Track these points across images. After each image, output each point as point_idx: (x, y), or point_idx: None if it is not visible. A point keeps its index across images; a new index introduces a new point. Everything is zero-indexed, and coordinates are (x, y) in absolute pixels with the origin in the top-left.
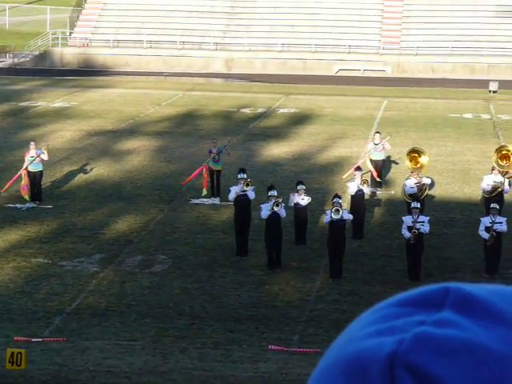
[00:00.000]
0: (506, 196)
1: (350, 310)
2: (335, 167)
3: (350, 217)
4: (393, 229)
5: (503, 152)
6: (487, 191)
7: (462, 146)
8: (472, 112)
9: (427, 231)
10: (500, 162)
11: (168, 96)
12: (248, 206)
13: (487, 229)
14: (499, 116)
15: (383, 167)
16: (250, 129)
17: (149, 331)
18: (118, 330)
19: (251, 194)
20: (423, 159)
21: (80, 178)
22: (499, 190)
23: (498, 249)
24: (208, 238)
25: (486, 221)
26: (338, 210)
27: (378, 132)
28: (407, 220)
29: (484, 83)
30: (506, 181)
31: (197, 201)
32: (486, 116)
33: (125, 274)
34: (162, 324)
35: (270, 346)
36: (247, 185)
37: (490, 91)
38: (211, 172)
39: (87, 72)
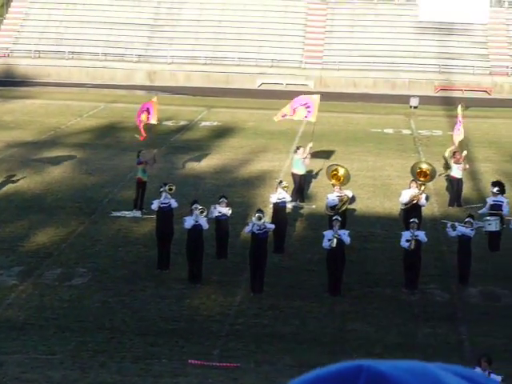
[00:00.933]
0: (423, 210)
1: (271, 324)
2: (257, 181)
3: (272, 226)
4: (313, 243)
5: (419, 170)
6: (404, 203)
7: (383, 161)
8: (393, 127)
9: (348, 241)
10: (419, 178)
11: (90, 107)
12: (171, 218)
13: (408, 241)
14: (419, 131)
15: (305, 181)
16: (172, 141)
17: (68, 345)
18: (37, 344)
19: (173, 203)
20: (341, 171)
21: None
22: (415, 201)
23: (418, 263)
24: (129, 251)
25: (406, 234)
26: (260, 218)
27: (300, 147)
28: (328, 234)
29: (405, 98)
30: (423, 194)
31: (118, 213)
32: (406, 131)
33: (44, 287)
34: (82, 338)
35: (189, 361)
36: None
37: (410, 106)
38: (139, 183)
39: (8, 82)
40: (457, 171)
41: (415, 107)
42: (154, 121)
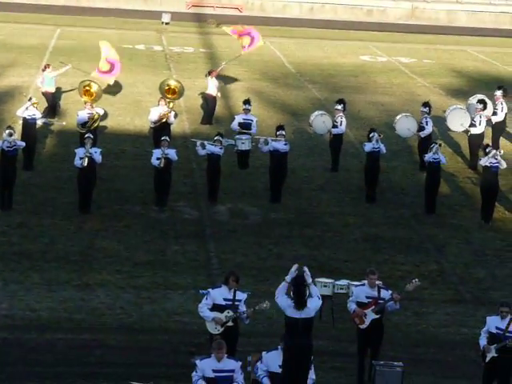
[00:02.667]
0: (173, 128)
1: (19, 242)
2: (5, 96)
3: (23, 144)
4: (63, 160)
5: (167, 87)
6: (153, 121)
7: (134, 78)
8: (144, 43)
9: (100, 160)
10: (167, 95)
11: None
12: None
13: (158, 159)
14: (171, 48)
15: (53, 98)
16: None
17: None
18: None
19: None
20: (95, 87)
21: None
22: (164, 119)
23: (169, 181)
24: None
25: (157, 152)
26: (11, 134)
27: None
28: (79, 152)
29: (157, 14)
30: (172, 113)
31: None
32: (158, 48)
33: None
34: None
35: None
36: None
37: (162, 23)
38: None
39: None
40: (213, 88)
41: (167, 23)
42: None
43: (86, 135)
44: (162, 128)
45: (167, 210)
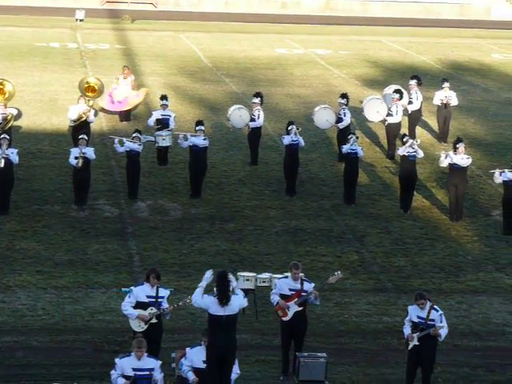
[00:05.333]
0: (92, 126)
1: None
2: None
3: None
4: None
5: (87, 85)
6: (72, 119)
7: (49, 76)
8: (59, 41)
9: (17, 161)
10: (87, 93)
11: None
12: None
13: (76, 158)
14: (86, 45)
15: None
16: None
17: None
18: None
19: None
20: (9, 87)
21: None
22: (84, 118)
23: (89, 180)
24: None
25: (75, 151)
26: None
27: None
28: None
29: (70, 11)
30: (92, 111)
31: None
32: (73, 45)
33: None
34: None
35: None
36: None
37: (76, 19)
38: None
39: None
40: (123, 86)
41: (81, 20)
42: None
43: (2, 136)
44: (81, 126)
45: (87, 208)
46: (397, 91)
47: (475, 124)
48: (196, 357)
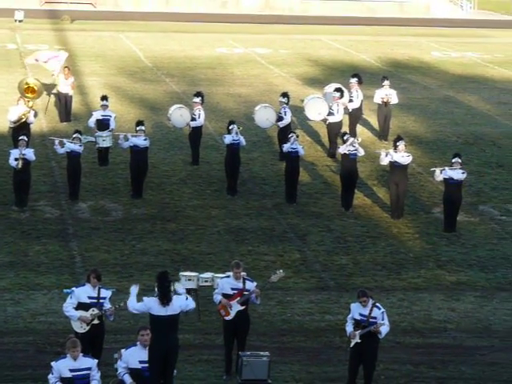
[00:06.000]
0: (32, 127)
1: None
2: None
3: None
4: None
5: (26, 86)
6: (12, 121)
7: None
8: None
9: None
10: (26, 94)
11: None
12: None
13: (16, 160)
14: (26, 45)
15: None
16: None
17: None
18: None
19: None
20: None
21: None
22: (23, 119)
23: (28, 182)
24: None
25: (15, 152)
26: None
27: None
28: None
29: (9, 12)
30: (32, 112)
31: None
32: (12, 46)
33: None
34: None
35: None
36: None
37: (15, 20)
38: None
39: None
40: (64, 86)
41: (20, 21)
42: None
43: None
44: (21, 128)
45: (28, 209)
46: (337, 90)
47: (415, 122)
48: (131, 357)
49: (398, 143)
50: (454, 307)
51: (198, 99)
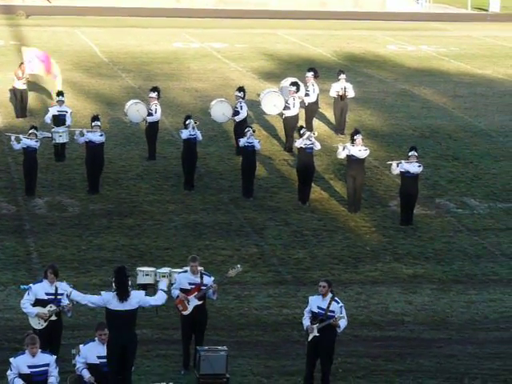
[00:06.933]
0: None
1: None
2: None
3: None
4: None
5: None
6: None
7: None
8: None
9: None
10: None
11: None
12: None
13: None
14: None
15: None
16: None
17: None
18: None
19: None
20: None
21: None
22: None
23: None
24: None
25: None
26: None
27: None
28: None
29: None
30: None
31: None
32: None
33: None
34: None
35: None
36: None
37: None
38: None
39: None
40: (19, 82)
41: None
42: None
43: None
44: None
45: None
46: (293, 84)
47: (372, 115)
48: (90, 352)
49: (355, 137)
50: (410, 300)
51: (154, 94)
